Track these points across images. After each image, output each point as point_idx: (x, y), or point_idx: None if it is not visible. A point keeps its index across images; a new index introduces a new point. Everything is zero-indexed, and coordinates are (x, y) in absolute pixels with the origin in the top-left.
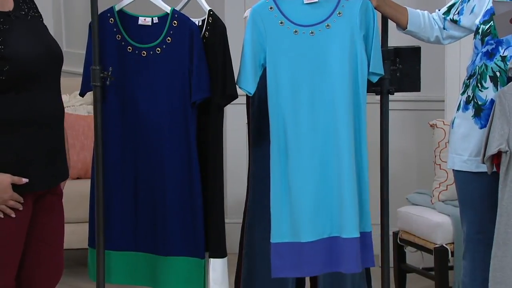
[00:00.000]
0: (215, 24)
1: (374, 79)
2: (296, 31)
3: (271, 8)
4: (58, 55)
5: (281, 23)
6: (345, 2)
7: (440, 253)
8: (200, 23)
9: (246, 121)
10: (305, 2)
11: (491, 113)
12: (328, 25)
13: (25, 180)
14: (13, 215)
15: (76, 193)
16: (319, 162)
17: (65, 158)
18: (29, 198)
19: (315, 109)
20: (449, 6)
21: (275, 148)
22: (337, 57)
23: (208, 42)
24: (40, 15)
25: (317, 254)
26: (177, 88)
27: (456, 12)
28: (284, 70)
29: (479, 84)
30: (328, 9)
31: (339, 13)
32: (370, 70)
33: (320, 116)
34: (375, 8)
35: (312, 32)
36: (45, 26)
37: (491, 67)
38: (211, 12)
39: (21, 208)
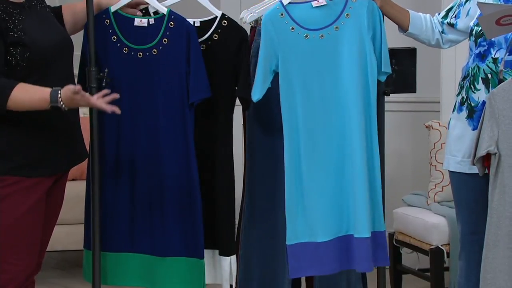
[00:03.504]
0: (235, 28)
1: (383, 78)
2: (306, 36)
3: (281, 14)
4: (70, 42)
5: (292, 28)
6: (352, 3)
7: (436, 254)
8: (198, 24)
9: (242, 122)
10: (313, 6)
11: (482, 115)
12: (336, 27)
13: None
14: (116, 110)
15: (72, 195)
16: (333, 163)
17: (82, 141)
18: (48, 181)
19: (328, 110)
20: (447, 10)
21: (288, 151)
22: (346, 58)
23: (220, 43)
24: (47, 5)
25: (332, 252)
26: (174, 89)
27: (454, 15)
28: (296, 74)
29: (472, 86)
30: (336, 11)
31: (347, 14)
32: (382, 70)
33: (332, 117)
34: None
35: (321, 36)
36: (53, 16)
37: (483, 69)
38: (226, 16)
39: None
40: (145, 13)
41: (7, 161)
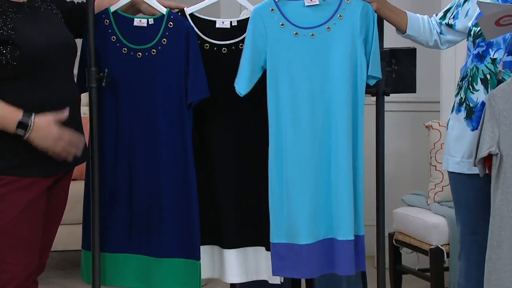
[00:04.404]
0: None
1: (372, 82)
2: (296, 33)
3: (272, 9)
4: (70, 44)
5: (282, 25)
6: (346, 5)
7: (436, 254)
8: (235, 23)
9: None
10: (306, 4)
11: (482, 115)
12: (328, 28)
13: (66, 114)
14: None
15: (71, 195)
16: (317, 164)
17: (84, 142)
18: (46, 181)
19: (314, 111)
20: (445, 10)
21: (273, 150)
22: (337, 59)
23: None
24: (54, 7)
25: (315, 256)
26: (173, 89)
27: (452, 16)
28: (284, 72)
29: (470, 87)
30: (329, 11)
31: (340, 15)
32: (368, 74)
33: (319, 118)
34: (375, 11)
35: (312, 34)
36: (59, 17)
37: (482, 70)
38: None
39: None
40: None
41: (3, 160)
